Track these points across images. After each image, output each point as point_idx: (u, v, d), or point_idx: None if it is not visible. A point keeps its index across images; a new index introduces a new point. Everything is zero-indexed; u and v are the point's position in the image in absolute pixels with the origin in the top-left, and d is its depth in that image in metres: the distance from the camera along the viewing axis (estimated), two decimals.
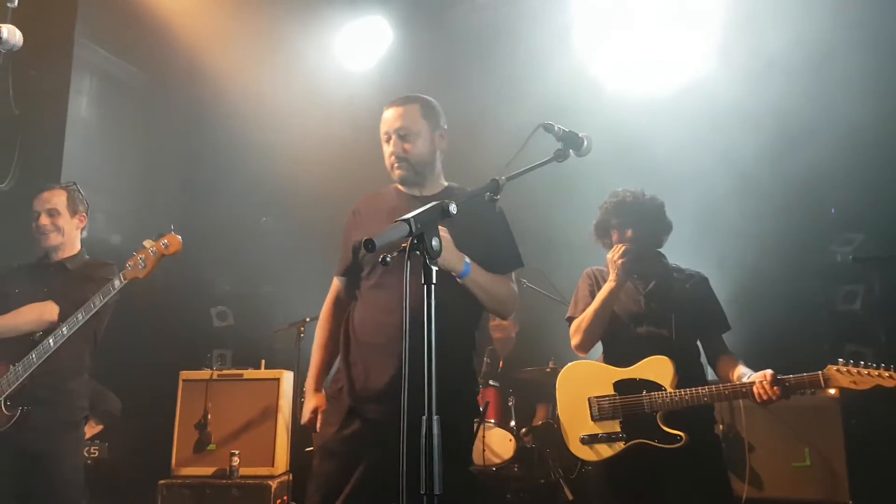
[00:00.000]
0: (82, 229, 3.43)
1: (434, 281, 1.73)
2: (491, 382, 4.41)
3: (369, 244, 1.63)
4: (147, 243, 3.09)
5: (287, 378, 4.62)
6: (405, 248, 1.72)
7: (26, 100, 4.91)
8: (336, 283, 2.66)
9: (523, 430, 4.43)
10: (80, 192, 3.42)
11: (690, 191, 4.49)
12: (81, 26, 5.06)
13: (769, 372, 2.69)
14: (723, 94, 4.83)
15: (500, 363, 4.82)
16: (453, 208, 1.80)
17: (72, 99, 5.01)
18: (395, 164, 2.48)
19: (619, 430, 2.87)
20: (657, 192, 3.16)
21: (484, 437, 4.28)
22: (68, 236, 3.34)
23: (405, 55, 5.62)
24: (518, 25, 5.28)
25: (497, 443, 4.32)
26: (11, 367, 3.09)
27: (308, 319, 4.79)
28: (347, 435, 2.33)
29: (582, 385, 2.99)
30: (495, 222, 2.52)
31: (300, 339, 4.87)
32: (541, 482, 4.33)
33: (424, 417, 1.62)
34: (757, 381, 2.69)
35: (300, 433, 4.48)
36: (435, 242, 1.74)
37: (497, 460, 4.31)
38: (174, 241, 3.10)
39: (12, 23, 4.76)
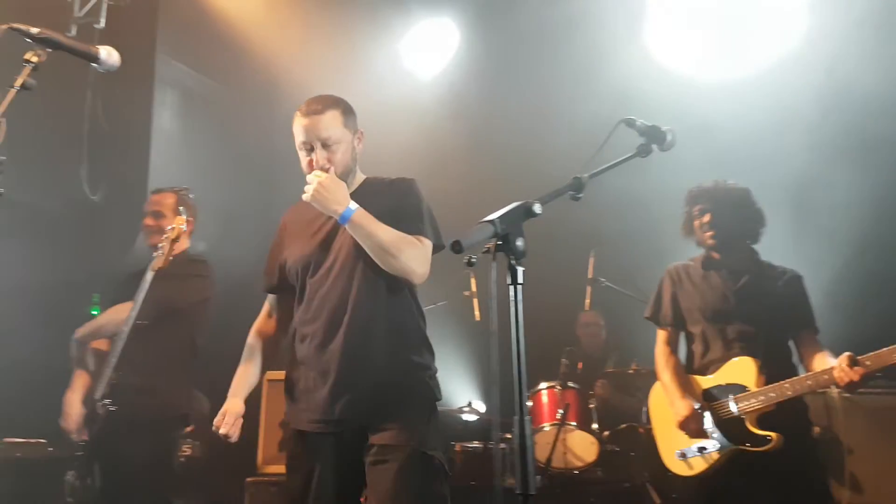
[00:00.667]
0: (190, 232, 3.48)
1: (521, 281, 1.71)
2: (570, 384, 4.33)
3: (457, 246, 1.62)
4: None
5: None
6: (489, 249, 1.71)
7: (113, 115, 5.16)
8: (267, 301, 2.58)
9: (606, 433, 4.33)
10: (189, 196, 3.53)
11: (776, 178, 4.29)
12: (162, 43, 5.26)
13: (848, 354, 2.57)
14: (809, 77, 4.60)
15: (580, 364, 4.73)
16: (538, 208, 1.77)
17: (155, 112, 5.22)
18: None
19: (711, 439, 2.80)
20: (746, 183, 3.04)
21: (565, 439, 4.20)
22: (175, 243, 3.33)
23: (473, 55, 5.60)
24: (586, 17, 5.17)
25: (579, 446, 4.23)
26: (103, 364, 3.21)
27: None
28: (299, 452, 2.35)
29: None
30: (402, 194, 2.41)
31: None
32: (625, 486, 4.24)
33: (516, 418, 1.65)
34: (837, 365, 2.57)
35: None
36: (520, 243, 1.72)
37: (579, 463, 4.23)
38: (177, 223, 3.17)
39: (99, 42, 5.02)
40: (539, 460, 4.24)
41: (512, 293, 1.70)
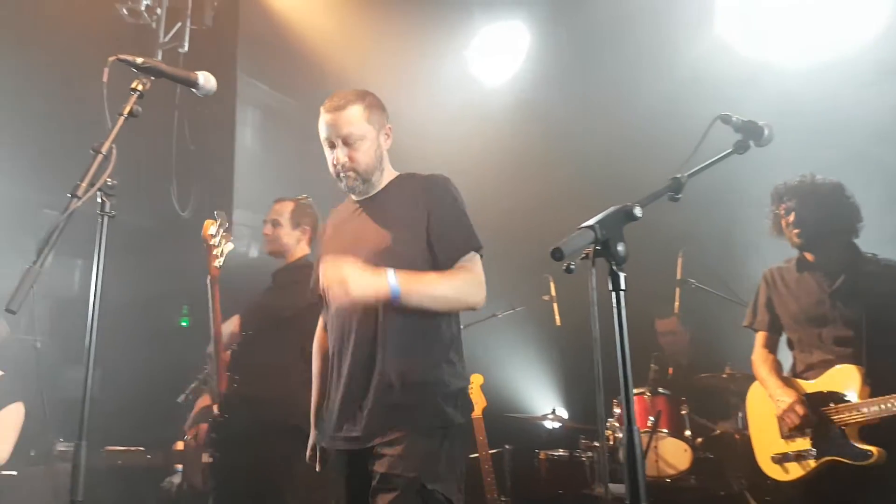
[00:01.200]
0: (308, 240, 3.51)
1: (623, 287, 1.67)
2: (660, 390, 4.21)
3: (557, 253, 1.59)
4: None
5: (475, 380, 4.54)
6: (587, 254, 1.68)
7: (199, 135, 5.37)
8: (322, 313, 2.47)
9: (699, 440, 4.18)
10: (309, 206, 3.54)
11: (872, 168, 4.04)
12: (242, 64, 5.44)
13: None
14: None
15: (670, 370, 4.59)
16: (638, 211, 1.72)
17: (238, 131, 5.41)
18: (342, 174, 2.25)
19: (809, 447, 2.69)
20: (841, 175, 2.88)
21: (656, 447, 4.08)
22: (285, 246, 3.45)
23: (544, 57, 5.52)
24: (656, 6, 5.02)
25: (671, 453, 4.10)
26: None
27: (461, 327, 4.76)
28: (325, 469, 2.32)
29: (770, 401, 2.83)
30: (438, 197, 2.22)
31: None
32: (721, 494, 4.09)
33: (624, 428, 1.58)
34: None
35: None
36: (621, 248, 1.68)
37: (672, 471, 4.10)
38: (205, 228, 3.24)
39: (184, 66, 5.24)
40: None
41: (614, 300, 1.66)
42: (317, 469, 2.39)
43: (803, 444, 2.72)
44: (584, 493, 4.25)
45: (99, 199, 1.97)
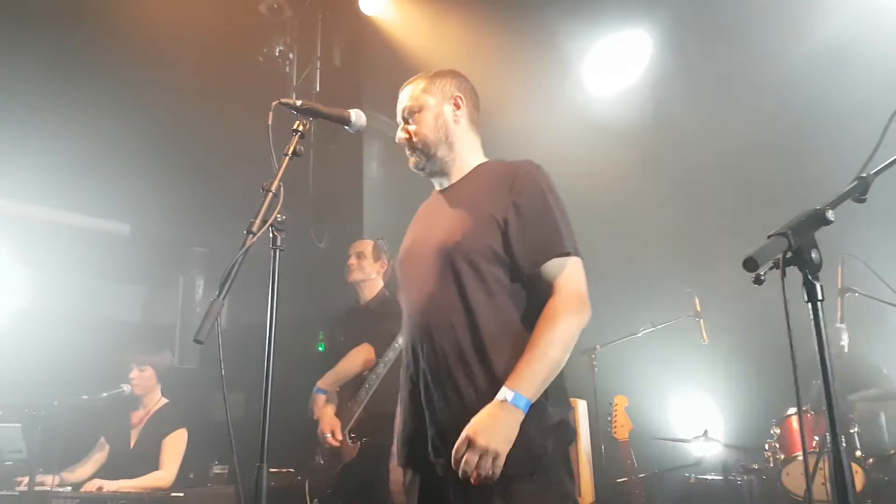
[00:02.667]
0: (384, 274, 3.92)
1: (821, 297, 1.56)
2: (825, 409, 3.90)
3: (751, 263, 1.50)
4: None
5: (581, 406, 4.49)
6: (776, 263, 1.58)
7: (329, 170, 5.60)
8: None
9: (871, 460, 3.84)
10: (384, 247, 3.95)
11: None
12: (367, 99, 5.64)
13: None
14: None
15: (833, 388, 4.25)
16: (831, 214, 1.60)
17: (365, 163, 5.59)
18: (407, 152, 2.13)
19: None
20: None
21: (824, 468, 3.78)
22: (368, 276, 3.88)
23: (668, 65, 5.37)
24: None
25: None
26: (348, 403, 3.49)
27: (599, 347, 4.65)
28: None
29: None
30: (522, 186, 1.91)
31: (593, 367, 4.73)
32: None
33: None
34: None
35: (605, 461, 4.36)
36: (815, 255, 1.57)
37: None
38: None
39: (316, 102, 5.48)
40: (795, 492, 3.86)
41: (811, 312, 1.55)
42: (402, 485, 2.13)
43: None
44: None
45: (271, 234, 2.08)
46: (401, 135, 2.14)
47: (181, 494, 3.64)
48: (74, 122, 4.47)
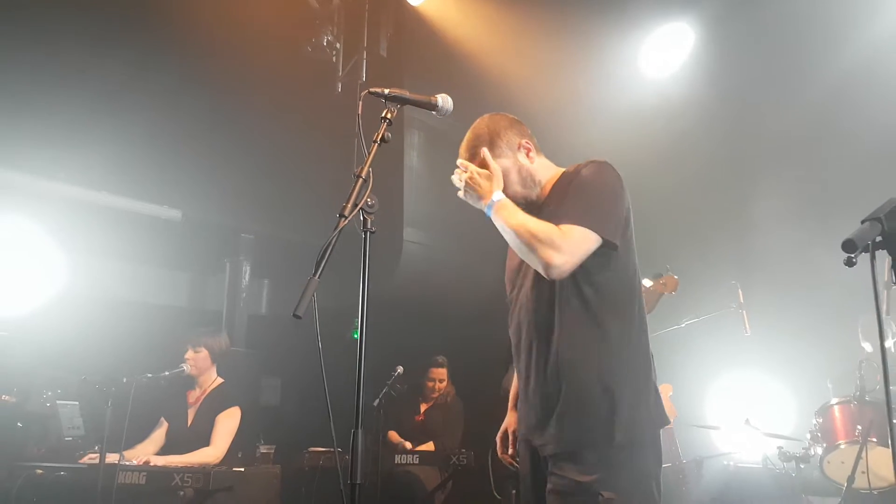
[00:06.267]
0: None
1: None
2: (867, 398, 3.98)
3: (849, 245, 1.57)
4: (645, 281, 3.34)
5: (665, 390, 4.50)
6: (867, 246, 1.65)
7: (375, 163, 5.67)
8: None
9: None
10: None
11: None
12: (409, 89, 5.70)
13: None
14: None
15: (878, 377, 4.32)
16: None
17: (405, 153, 5.67)
18: None
19: None
20: None
21: (865, 457, 3.85)
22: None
23: (707, 57, 5.39)
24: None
25: (881, 464, 3.86)
26: None
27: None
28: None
29: None
30: (583, 175, 2.11)
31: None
32: None
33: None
34: None
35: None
36: None
37: (883, 483, 3.86)
38: (671, 281, 3.35)
39: (359, 95, 5.55)
40: (837, 480, 3.93)
41: None
42: (499, 454, 2.42)
43: None
44: (786, 503, 4.08)
45: (361, 218, 2.15)
46: None
47: (242, 469, 3.72)
48: (130, 109, 4.58)
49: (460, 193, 2.20)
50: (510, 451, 2.37)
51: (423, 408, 5.24)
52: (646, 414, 2.04)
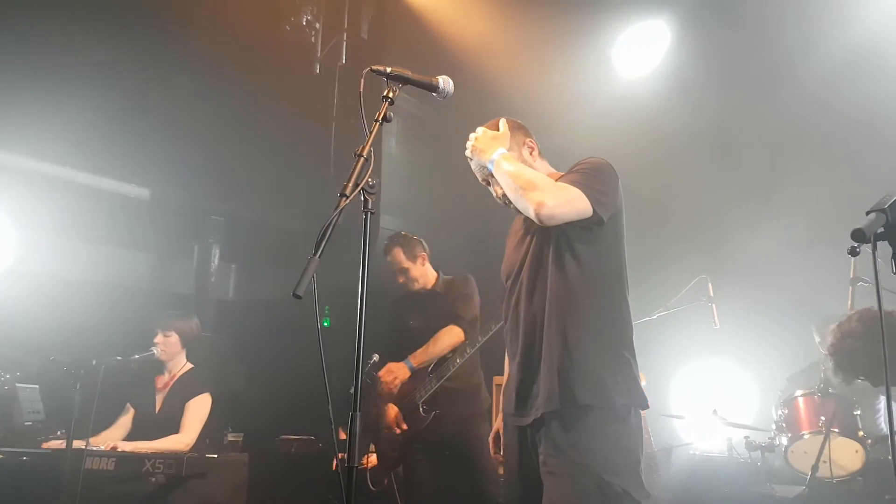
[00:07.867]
0: (428, 259, 3.97)
1: None
2: (831, 391, 4.11)
3: (859, 234, 1.62)
4: None
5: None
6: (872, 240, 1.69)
7: (351, 146, 5.60)
8: None
9: (869, 441, 4.06)
10: (406, 237, 3.99)
11: None
12: None
13: None
14: None
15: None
16: None
17: (384, 140, 5.61)
18: (504, 205, 2.38)
19: None
20: None
21: (829, 447, 3.98)
22: (422, 276, 3.93)
23: (683, 55, 5.46)
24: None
25: (842, 454, 4.01)
26: (428, 376, 3.61)
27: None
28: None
29: None
30: (578, 165, 2.30)
31: None
32: (885, 498, 3.94)
33: None
34: None
35: None
36: None
37: (842, 472, 4.01)
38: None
39: (340, 76, 5.46)
40: (800, 469, 4.07)
41: None
42: (492, 454, 2.53)
43: None
44: (751, 491, 4.20)
45: (362, 198, 2.12)
46: (498, 196, 2.36)
47: (215, 456, 3.66)
48: (101, 84, 4.41)
49: (468, 153, 2.36)
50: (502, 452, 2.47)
51: None
52: (611, 382, 2.14)
